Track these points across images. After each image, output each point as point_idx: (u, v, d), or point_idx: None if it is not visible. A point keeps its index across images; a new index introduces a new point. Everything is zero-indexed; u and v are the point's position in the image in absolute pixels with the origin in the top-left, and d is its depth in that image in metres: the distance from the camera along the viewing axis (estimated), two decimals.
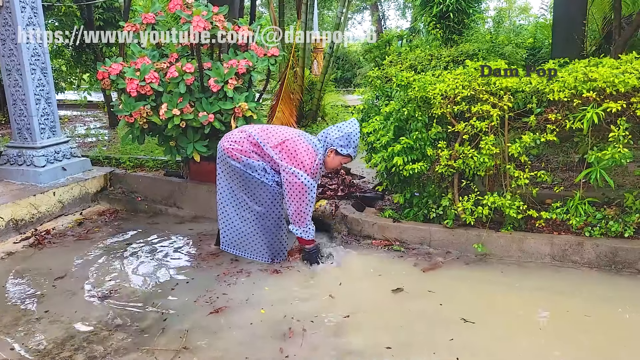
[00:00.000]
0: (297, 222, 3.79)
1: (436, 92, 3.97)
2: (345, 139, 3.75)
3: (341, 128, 3.80)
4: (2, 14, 5.18)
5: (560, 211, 3.90)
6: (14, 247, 4.53)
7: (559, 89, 3.67)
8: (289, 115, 8.19)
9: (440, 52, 6.44)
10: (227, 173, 3.91)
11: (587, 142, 3.76)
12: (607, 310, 3.25)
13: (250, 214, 3.94)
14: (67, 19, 9.39)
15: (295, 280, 3.77)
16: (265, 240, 3.98)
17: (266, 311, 3.33)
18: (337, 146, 3.76)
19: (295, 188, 3.67)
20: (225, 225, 4.10)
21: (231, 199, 3.98)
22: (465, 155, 3.91)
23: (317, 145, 3.82)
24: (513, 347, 2.90)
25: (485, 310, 3.33)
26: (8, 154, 5.58)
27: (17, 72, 5.30)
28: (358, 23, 32.23)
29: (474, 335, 3.01)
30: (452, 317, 3.20)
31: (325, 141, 3.81)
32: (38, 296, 3.62)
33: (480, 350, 2.88)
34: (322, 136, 3.86)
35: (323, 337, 3.04)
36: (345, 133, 3.76)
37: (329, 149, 3.80)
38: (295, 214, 3.75)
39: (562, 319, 3.20)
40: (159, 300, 3.54)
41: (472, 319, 3.15)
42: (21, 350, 2.96)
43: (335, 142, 3.76)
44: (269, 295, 3.55)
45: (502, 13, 11.10)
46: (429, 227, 4.25)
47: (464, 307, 3.31)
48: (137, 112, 4.56)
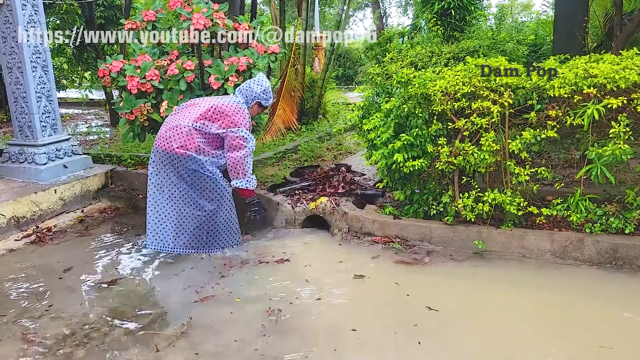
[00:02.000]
0: (240, 175, 4.09)
1: (436, 89, 3.97)
2: (267, 92, 4.30)
3: (259, 83, 4.28)
4: (3, 12, 5.19)
5: (561, 208, 3.90)
6: (15, 244, 4.55)
7: (559, 85, 3.66)
8: (290, 112, 8.19)
9: (440, 49, 6.42)
10: (173, 174, 4.05)
11: (588, 138, 3.75)
12: (592, 305, 3.25)
13: (201, 211, 4.11)
14: (68, 17, 9.40)
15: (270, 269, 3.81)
16: (223, 231, 4.22)
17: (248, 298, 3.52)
18: (262, 99, 4.29)
19: (235, 143, 4.03)
20: (161, 223, 4.17)
21: (175, 197, 4.10)
22: (466, 152, 3.91)
23: (240, 101, 4.20)
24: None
25: (451, 300, 3.38)
26: (9, 152, 5.60)
27: (18, 70, 5.31)
28: (360, 20, 32.24)
29: (435, 321, 3.12)
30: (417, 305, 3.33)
31: (249, 95, 4.25)
32: (40, 293, 3.63)
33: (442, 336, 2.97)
34: (244, 90, 4.26)
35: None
36: (265, 87, 4.28)
37: (255, 101, 4.28)
38: (238, 166, 4.06)
39: (541, 312, 3.22)
40: (159, 295, 3.56)
41: (437, 307, 3.26)
42: (24, 346, 2.97)
43: (260, 95, 4.27)
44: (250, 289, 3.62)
45: (504, 10, 11.07)
46: (430, 224, 4.25)
47: (429, 296, 3.43)
48: (137, 110, 4.57)
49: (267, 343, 2.95)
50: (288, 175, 5.71)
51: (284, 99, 8.03)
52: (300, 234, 4.64)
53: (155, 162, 4.12)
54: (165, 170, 4.06)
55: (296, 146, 7.10)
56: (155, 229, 4.17)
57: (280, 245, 4.37)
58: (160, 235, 4.16)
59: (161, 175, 4.10)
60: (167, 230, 4.14)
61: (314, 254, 4.22)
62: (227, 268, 3.97)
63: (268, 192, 5.09)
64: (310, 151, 6.76)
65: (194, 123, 4.01)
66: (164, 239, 4.15)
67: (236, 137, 4.02)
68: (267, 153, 6.66)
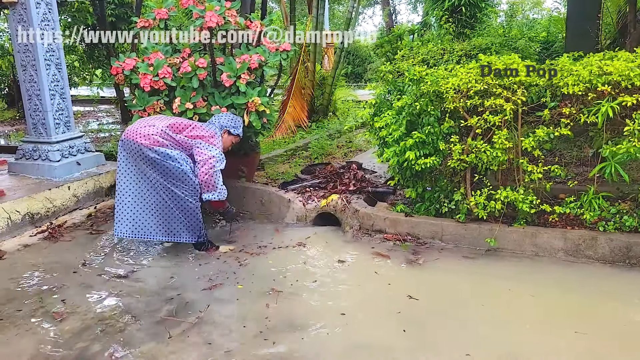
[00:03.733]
0: (212, 189, 4.12)
1: (449, 87, 3.96)
2: (235, 121, 4.41)
3: (227, 114, 4.46)
4: (17, 10, 5.24)
5: (574, 206, 3.88)
6: (30, 240, 4.59)
7: (573, 82, 3.64)
8: (300, 110, 8.21)
9: (452, 46, 6.40)
10: (143, 165, 4.07)
11: (602, 136, 3.73)
12: (606, 303, 3.24)
13: (170, 197, 4.10)
14: (79, 15, 9.46)
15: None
16: (186, 221, 4.16)
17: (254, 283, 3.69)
18: (230, 127, 4.38)
19: (207, 161, 4.08)
20: (128, 212, 4.18)
21: (144, 186, 4.13)
22: (478, 150, 3.90)
23: (214, 128, 4.29)
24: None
25: (457, 296, 3.37)
26: (24, 149, 5.65)
27: (32, 68, 5.36)
28: (369, 17, 32.16)
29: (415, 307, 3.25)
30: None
31: (218, 125, 4.35)
32: (55, 288, 3.67)
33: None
34: (214, 121, 4.38)
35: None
36: (232, 117, 4.44)
37: (223, 129, 4.36)
38: (210, 182, 4.09)
39: (553, 309, 3.22)
40: (171, 290, 3.59)
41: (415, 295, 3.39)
42: (40, 341, 3.01)
43: (228, 124, 4.38)
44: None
45: (514, 7, 11.02)
46: (441, 221, 4.25)
47: (409, 287, 3.52)
48: (150, 107, 4.60)
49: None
50: (299, 172, 5.72)
51: (294, 96, 8.05)
52: (312, 230, 4.66)
53: (122, 152, 4.17)
54: (134, 160, 4.11)
55: (306, 143, 7.11)
56: (123, 217, 4.19)
57: (293, 238, 4.42)
58: (132, 223, 4.19)
59: (130, 165, 4.15)
60: (141, 218, 4.18)
61: (324, 249, 4.24)
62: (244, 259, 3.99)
63: (279, 190, 5.11)
64: (321, 148, 6.77)
65: (164, 127, 4.08)
66: (138, 226, 4.19)
67: (202, 152, 4.09)
68: (278, 150, 6.69)
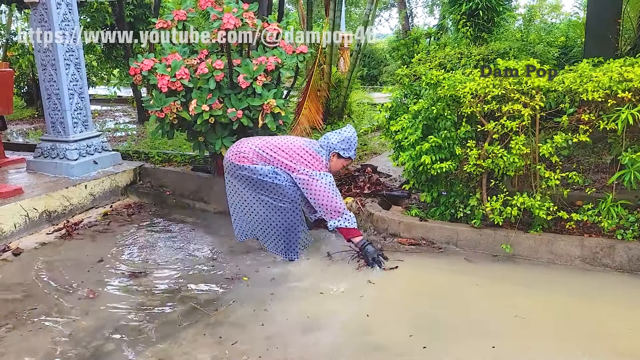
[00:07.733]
0: (334, 215, 3.87)
1: (466, 91, 3.93)
2: (345, 142, 4.03)
3: (340, 133, 4.07)
4: (38, 10, 5.32)
5: (592, 213, 3.83)
6: (47, 237, 4.66)
7: (592, 89, 3.59)
8: (315, 112, 8.20)
9: (470, 51, 6.37)
10: (240, 183, 4.01)
11: (621, 143, 3.68)
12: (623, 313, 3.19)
13: (270, 209, 3.98)
14: (98, 15, 9.57)
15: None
16: (284, 235, 4.04)
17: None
18: (339, 149, 4.02)
19: (315, 188, 3.85)
20: (241, 219, 4.19)
21: (247, 200, 4.04)
22: (495, 155, 3.86)
23: (320, 151, 4.03)
24: None
25: (475, 303, 3.32)
26: (42, 147, 5.73)
27: (52, 67, 5.44)
28: (385, 20, 32.09)
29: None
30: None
31: (326, 146, 4.05)
32: (70, 285, 3.72)
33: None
34: (323, 142, 4.08)
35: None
36: (345, 137, 4.04)
37: (332, 152, 4.04)
38: (328, 209, 3.86)
39: (569, 317, 3.15)
40: (186, 291, 3.61)
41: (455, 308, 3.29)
42: (55, 338, 3.04)
43: (337, 146, 4.02)
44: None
45: (532, 11, 10.92)
46: (456, 226, 4.22)
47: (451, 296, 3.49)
48: (167, 108, 4.62)
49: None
50: None
51: (309, 98, 8.04)
52: (326, 233, 4.65)
53: (226, 174, 4.14)
54: (232, 179, 4.08)
55: None
56: (238, 223, 4.23)
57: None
58: (244, 227, 4.21)
59: (230, 184, 4.12)
60: (250, 225, 4.18)
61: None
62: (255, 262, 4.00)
63: None
64: None
65: (257, 148, 3.97)
66: (248, 229, 4.19)
67: (300, 175, 3.88)
68: None
